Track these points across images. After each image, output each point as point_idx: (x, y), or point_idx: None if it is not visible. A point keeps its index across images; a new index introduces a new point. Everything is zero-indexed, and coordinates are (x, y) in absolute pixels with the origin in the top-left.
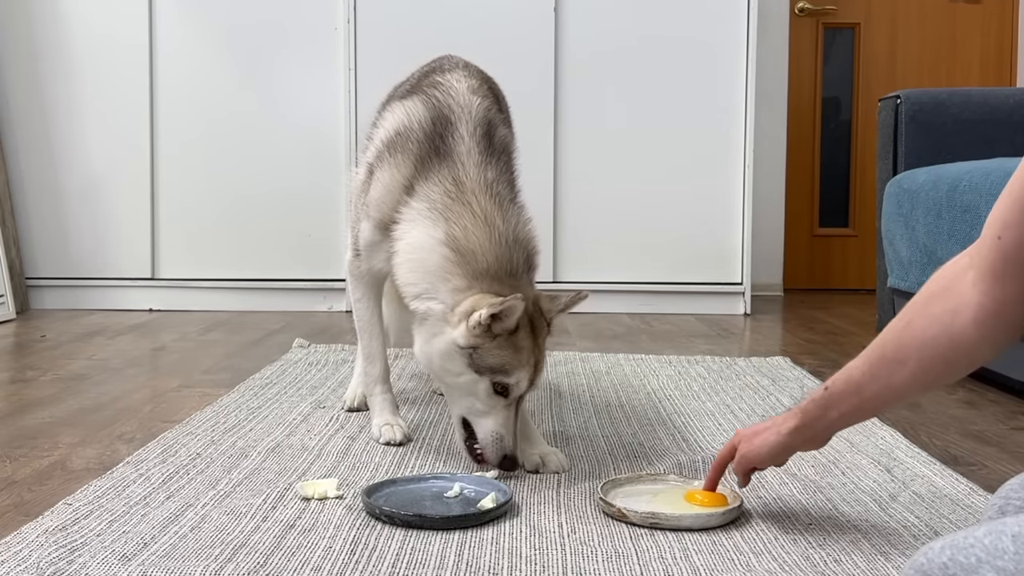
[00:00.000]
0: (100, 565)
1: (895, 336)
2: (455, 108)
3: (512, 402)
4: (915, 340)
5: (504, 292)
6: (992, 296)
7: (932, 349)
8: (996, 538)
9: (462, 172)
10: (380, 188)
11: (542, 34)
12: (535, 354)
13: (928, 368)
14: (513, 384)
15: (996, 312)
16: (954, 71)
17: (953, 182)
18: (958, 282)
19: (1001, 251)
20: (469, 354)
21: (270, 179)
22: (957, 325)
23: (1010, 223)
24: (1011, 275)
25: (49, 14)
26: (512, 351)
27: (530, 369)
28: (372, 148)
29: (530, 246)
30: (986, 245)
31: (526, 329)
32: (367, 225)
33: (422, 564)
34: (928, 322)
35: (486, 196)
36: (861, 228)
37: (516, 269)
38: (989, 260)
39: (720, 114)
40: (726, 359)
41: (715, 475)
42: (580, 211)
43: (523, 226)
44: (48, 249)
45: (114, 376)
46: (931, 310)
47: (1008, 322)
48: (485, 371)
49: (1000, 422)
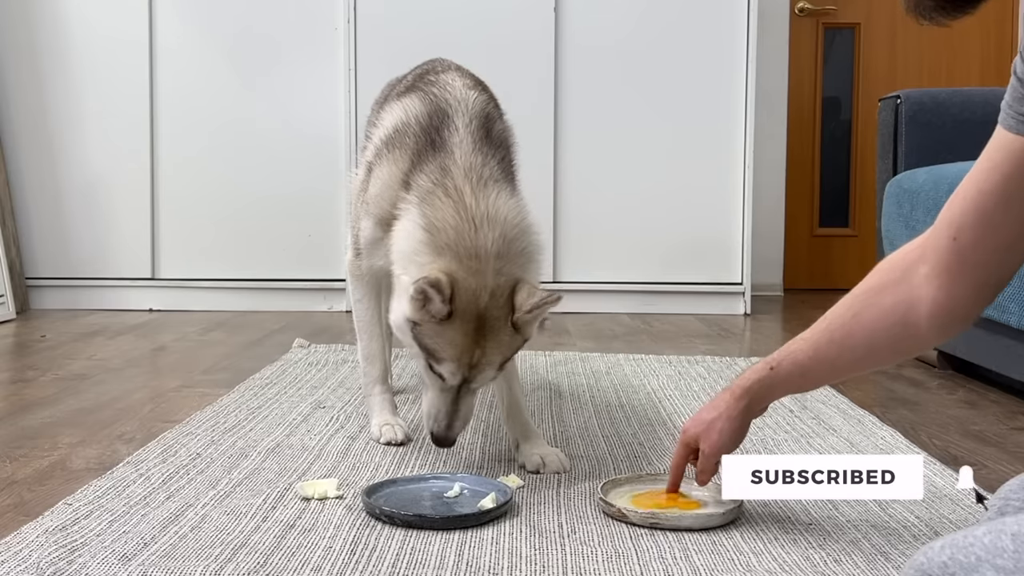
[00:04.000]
0: (100, 565)
1: (843, 323)
2: (452, 102)
3: (449, 388)
4: (865, 329)
5: (458, 274)
6: (947, 292)
7: (883, 338)
8: (996, 537)
9: (450, 160)
10: (378, 184)
11: (542, 34)
12: (472, 353)
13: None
14: (444, 374)
15: (950, 307)
16: (954, 71)
17: (953, 182)
18: (911, 275)
19: (956, 252)
20: (412, 327)
21: (270, 178)
22: (911, 318)
23: (964, 226)
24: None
25: (49, 14)
26: (444, 341)
27: (461, 366)
28: (371, 147)
29: (508, 225)
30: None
31: (467, 323)
32: (367, 223)
33: (422, 564)
34: (879, 312)
35: (465, 178)
36: (861, 228)
37: (480, 248)
38: (944, 259)
39: (720, 114)
40: (726, 359)
41: (677, 479)
42: (580, 211)
43: (502, 204)
44: (48, 249)
45: (114, 376)
46: (882, 301)
47: (960, 316)
48: (423, 349)
49: (1000, 422)
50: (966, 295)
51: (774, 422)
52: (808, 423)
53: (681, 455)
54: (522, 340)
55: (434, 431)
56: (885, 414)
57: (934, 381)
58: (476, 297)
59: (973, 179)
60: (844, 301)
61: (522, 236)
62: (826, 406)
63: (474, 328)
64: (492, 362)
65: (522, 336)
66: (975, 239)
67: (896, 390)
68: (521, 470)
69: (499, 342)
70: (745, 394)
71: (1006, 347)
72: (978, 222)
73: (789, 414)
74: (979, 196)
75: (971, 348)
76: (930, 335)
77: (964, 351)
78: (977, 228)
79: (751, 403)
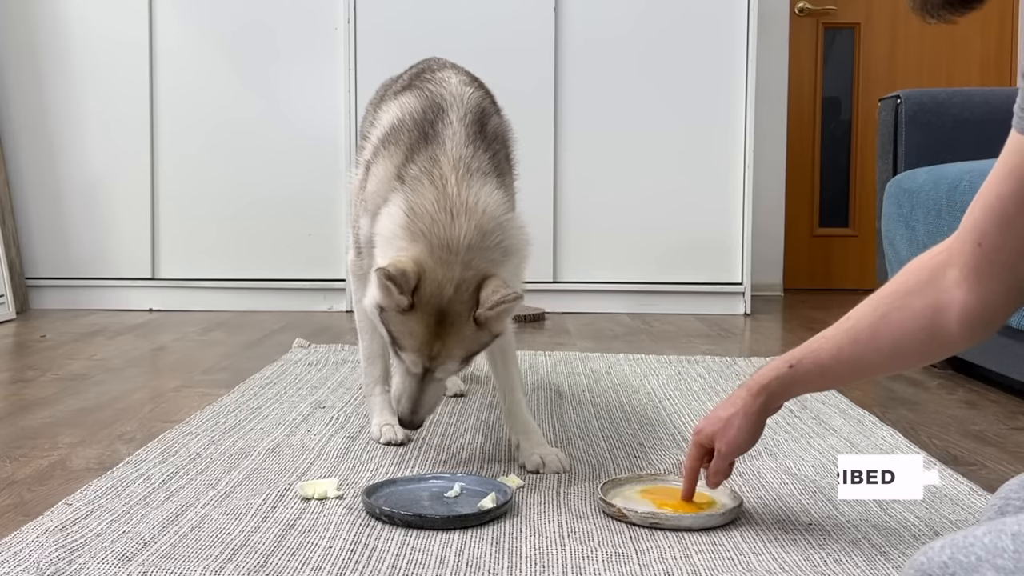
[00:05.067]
0: (100, 565)
1: (871, 324)
2: (447, 97)
3: (414, 375)
4: (893, 331)
5: (426, 264)
6: (977, 295)
7: (911, 341)
8: (996, 537)
9: (440, 150)
10: (375, 181)
11: (542, 34)
12: (432, 345)
13: (902, 357)
14: (407, 361)
15: (980, 310)
16: (954, 71)
17: (953, 182)
18: (939, 278)
19: (983, 256)
20: (380, 312)
21: (270, 178)
22: (940, 321)
23: (987, 231)
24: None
25: (49, 14)
26: (405, 331)
27: (421, 357)
28: (368, 146)
29: (486, 217)
30: (967, 249)
31: (428, 316)
32: (365, 220)
33: (422, 564)
34: (908, 315)
35: (452, 169)
36: (861, 228)
37: (452, 239)
38: (972, 263)
39: (720, 114)
40: (726, 359)
41: (691, 484)
42: (580, 211)
43: (485, 196)
44: (48, 249)
45: (114, 376)
46: (911, 303)
47: (990, 319)
48: (389, 335)
49: (1000, 422)
50: (996, 298)
51: (774, 422)
52: (808, 423)
53: (695, 456)
54: (489, 336)
55: (400, 414)
56: (885, 414)
57: (934, 381)
58: (440, 289)
59: (992, 183)
60: (870, 302)
61: (499, 230)
62: (826, 406)
63: (435, 321)
64: (453, 355)
65: (488, 331)
66: (999, 243)
67: (896, 390)
68: (521, 470)
69: (461, 336)
70: (763, 391)
71: (1006, 347)
72: (1000, 226)
73: (789, 414)
74: (999, 201)
75: (971, 348)
76: (960, 339)
77: (964, 351)
78: (1000, 233)
79: (768, 400)
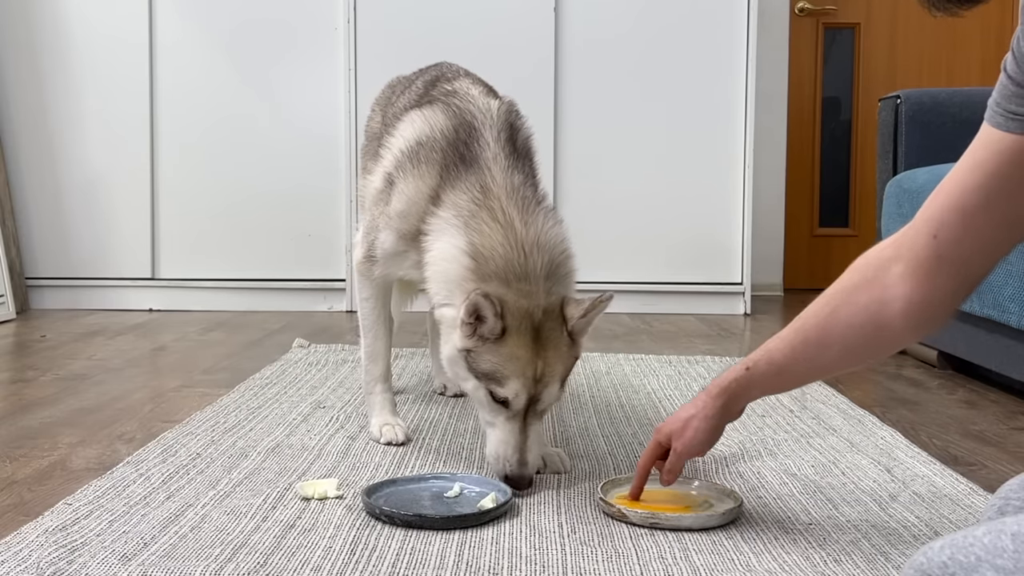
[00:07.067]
0: (100, 565)
1: (819, 322)
2: (477, 114)
3: (515, 415)
4: (840, 327)
5: (507, 296)
6: (922, 291)
7: (858, 336)
8: (995, 537)
9: (488, 178)
10: (404, 200)
11: (542, 34)
12: (535, 366)
13: (852, 352)
14: (509, 396)
15: (924, 306)
16: (954, 71)
17: None
18: (883, 273)
19: (936, 249)
20: (466, 356)
21: (270, 178)
22: (884, 316)
23: (945, 223)
24: (943, 272)
25: (49, 14)
26: (503, 358)
27: (526, 381)
28: (389, 157)
29: (556, 251)
30: (919, 242)
31: (524, 336)
32: (390, 236)
33: (422, 564)
34: (854, 310)
35: (510, 201)
36: (861, 228)
37: (530, 273)
38: (922, 256)
39: (720, 114)
40: (726, 359)
41: (641, 481)
42: (580, 211)
43: (549, 230)
44: (48, 249)
45: (114, 376)
46: (857, 299)
47: (934, 314)
48: (481, 377)
49: (1000, 422)
50: (943, 293)
51: (774, 422)
52: (808, 423)
53: (649, 454)
54: (576, 353)
55: (508, 472)
56: (885, 414)
57: (934, 381)
58: (529, 314)
59: (955, 177)
60: (819, 300)
61: (567, 260)
62: (826, 406)
63: (532, 340)
64: (555, 374)
65: (578, 347)
66: (955, 237)
67: (896, 390)
68: None
69: (559, 352)
70: (722, 393)
71: (1006, 347)
72: (959, 220)
73: (789, 414)
74: (961, 194)
75: (971, 348)
76: (905, 333)
77: (964, 351)
78: (958, 226)
79: (728, 402)
